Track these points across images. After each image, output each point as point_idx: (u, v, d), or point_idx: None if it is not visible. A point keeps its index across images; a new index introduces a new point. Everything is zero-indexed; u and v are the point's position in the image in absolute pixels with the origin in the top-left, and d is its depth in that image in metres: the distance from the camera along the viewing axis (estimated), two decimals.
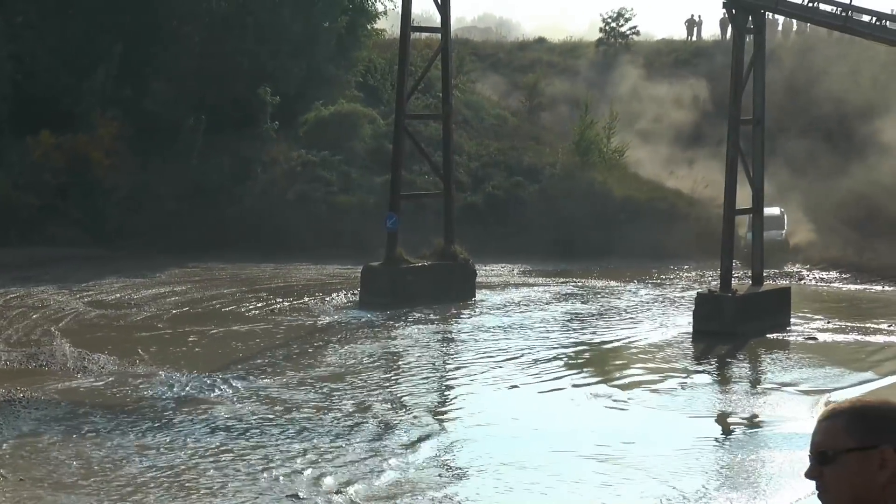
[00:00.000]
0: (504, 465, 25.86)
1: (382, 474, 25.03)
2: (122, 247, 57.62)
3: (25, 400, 30.61)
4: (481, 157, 67.06)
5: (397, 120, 49.08)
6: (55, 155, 60.12)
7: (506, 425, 29.27)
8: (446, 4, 48.64)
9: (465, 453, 26.94)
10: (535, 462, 26.02)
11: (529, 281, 53.82)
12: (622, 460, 26.29)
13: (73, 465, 25.25)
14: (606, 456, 26.53)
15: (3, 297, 45.24)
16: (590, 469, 25.70)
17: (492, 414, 30.35)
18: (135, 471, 25.00)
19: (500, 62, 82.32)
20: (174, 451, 26.49)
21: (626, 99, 72.73)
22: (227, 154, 62.31)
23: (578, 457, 26.52)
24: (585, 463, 26.11)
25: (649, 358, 37.65)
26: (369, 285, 47.24)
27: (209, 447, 26.81)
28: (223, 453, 26.40)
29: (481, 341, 39.80)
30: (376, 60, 73.62)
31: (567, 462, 26.16)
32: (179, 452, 26.37)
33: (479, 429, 28.95)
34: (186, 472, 25.09)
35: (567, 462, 26.16)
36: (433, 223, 52.02)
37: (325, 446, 26.99)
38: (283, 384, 33.10)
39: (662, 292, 50.98)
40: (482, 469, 25.66)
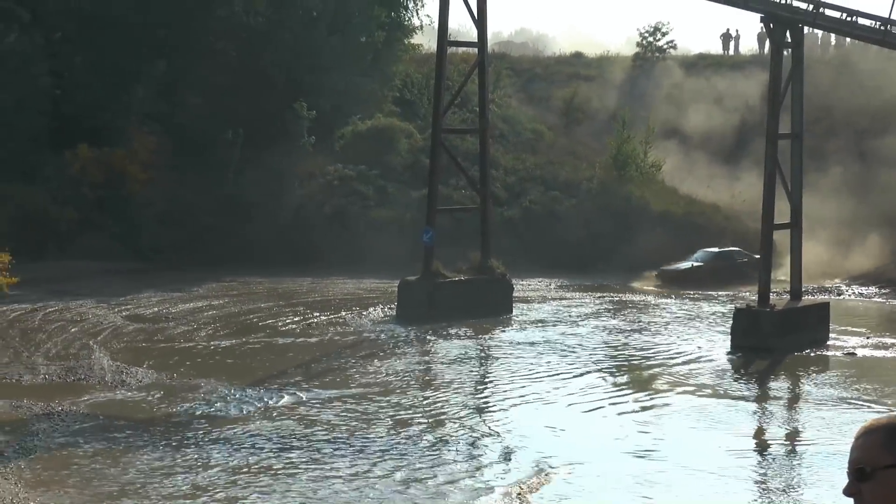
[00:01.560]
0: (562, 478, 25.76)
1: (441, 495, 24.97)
2: (158, 261, 57.86)
3: (64, 413, 30.69)
4: (518, 171, 67.02)
5: (434, 134, 49.07)
6: (92, 169, 60.45)
7: (545, 441, 29.17)
8: (483, 19, 48.63)
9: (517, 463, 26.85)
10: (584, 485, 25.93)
11: (567, 295, 53.67)
12: (659, 478, 26.13)
13: (110, 480, 25.26)
14: (647, 480, 26.37)
15: (42, 311, 45.42)
16: (632, 492, 25.56)
17: (531, 432, 30.23)
18: (172, 487, 25.00)
19: (536, 77, 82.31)
20: (214, 467, 26.46)
21: (663, 113, 72.55)
22: (264, 169, 62.47)
23: (622, 475, 26.39)
24: (625, 480, 25.97)
25: (687, 373, 37.40)
26: (406, 300, 47.21)
27: (251, 463, 26.75)
28: (264, 470, 26.35)
29: (519, 357, 39.64)
30: (413, 75, 73.74)
31: (607, 477, 26.02)
32: (219, 469, 26.33)
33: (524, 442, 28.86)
34: (229, 487, 25.06)
35: (607, 477, 26.02)
36: (470, 237, 51.94)
37: (369, 464, 26.92)
38: (322, 399, 33.05)
39: (700, 307, 50.75)
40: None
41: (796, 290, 43.82)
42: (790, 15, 42.20)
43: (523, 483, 25.44)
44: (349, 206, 62.11)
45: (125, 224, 59.70)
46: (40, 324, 43.16)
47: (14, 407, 31.06)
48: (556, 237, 61.58)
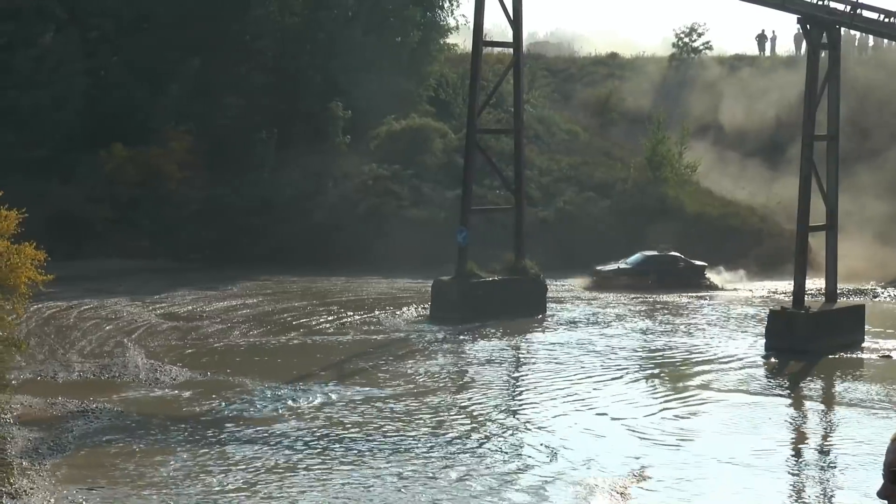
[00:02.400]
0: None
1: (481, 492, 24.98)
2: (193, 259, 58.01)
3: (98, 410, 30.82)
4: (552, 171, 66.91)
5: (469, 134, 49.04)
6: (128, 168, 60.68)
7: (580, 442, 29.13)
8: (518, 19, 48.57)
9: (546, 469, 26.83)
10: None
11: (600, 296, 53.55)
12: (695, 480, 26.07)
13: (144, 477, 25.35)
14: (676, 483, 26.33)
15: (77, 309, 45.64)
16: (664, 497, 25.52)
17: (567, 435, 30.19)
18: (208, 486, 25.06)
19: (571, 77, 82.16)
20: (251, 466, 26.51)
21: (699, 114, 72.32)
22: (299, 168, 62.58)
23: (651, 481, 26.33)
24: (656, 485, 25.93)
25: (721, 375, 37.25)
26: (440, 300, 47.19)
27: (289, 462, 26.78)
28: (305, 469, 26.39)
29: (554, 358, 39.55)
30: (448, 75, 73.72)
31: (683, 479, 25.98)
32: (258, 468, 26.38)
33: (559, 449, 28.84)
34: (264, 486, 25.10)
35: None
36: (504, 238, 51.90)
37: (405, 463, 26.92)
38: (357, 399, 33.08)
39: (734, 308, 50.54)
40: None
41: (831, 292, 43.61)
42: (827, 16, 41.97)
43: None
44: (383, 206, 62.13)
45: (160, 223, 59.89)
46: (75, 321, 43.38)
47: (49, 404, 31.22)
48: (590, 238, 61.42)
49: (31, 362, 36.01)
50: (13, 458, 25.36)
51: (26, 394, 32.03)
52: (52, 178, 58.59)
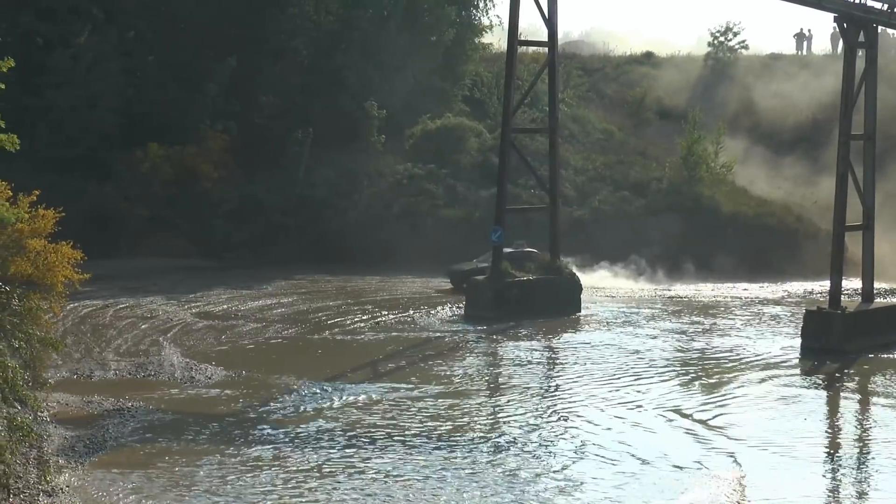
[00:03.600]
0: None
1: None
2: (228, 258, 58.15)
3: (134, 409, 30.95)
4: (587, 171, 66.78)
5: (504, 133, 48.99)
6: (164, 167, 60.87)
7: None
8: (553, 19, 48.50)
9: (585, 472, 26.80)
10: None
11: (635, 295, 53.42)
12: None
13: (181, 476, 25.43)
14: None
15: (113, 308, 45.82)
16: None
17: (605, 437, 30.14)
18: (247, 485, 25.10)
19: (606, 76, 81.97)
20: (282, 463, 26.56)
21: (735, 113, 72.05)
22: (334, 167, 62.66)
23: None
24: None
25: (758, 375, 37.11)
26: (474, 299, 47.16)
27: (321, 460, 26.81)
28: (349, 467, 26.41)
29: (588, 358, 39.46)
30: (483, 74, 73.69)
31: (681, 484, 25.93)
32: (288, 465, 26.42)
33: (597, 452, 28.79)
34: (301, 484, 25.13)
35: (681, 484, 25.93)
36: (539, 237, 51.84)
37: (441, 463, 26.92)
38: (390, 398, 33.07)
39: (770, 308, 50.34)
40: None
41: (868, 291, 43.39)
42: (864, 14, 41.73)
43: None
44: (418, 205, 62.15)
45: (196, 222, 60.07)
46: (111, 320, 43.55)
47: (85, 402, 31.37)
48: (625, 237, 61.28)
49: (67, 361, 36.19)
50: (50, 456, 25.47)
51: (63, 392, 32.18)
52: (88, 177, 58.84)
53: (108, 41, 62.50)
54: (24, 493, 22.49)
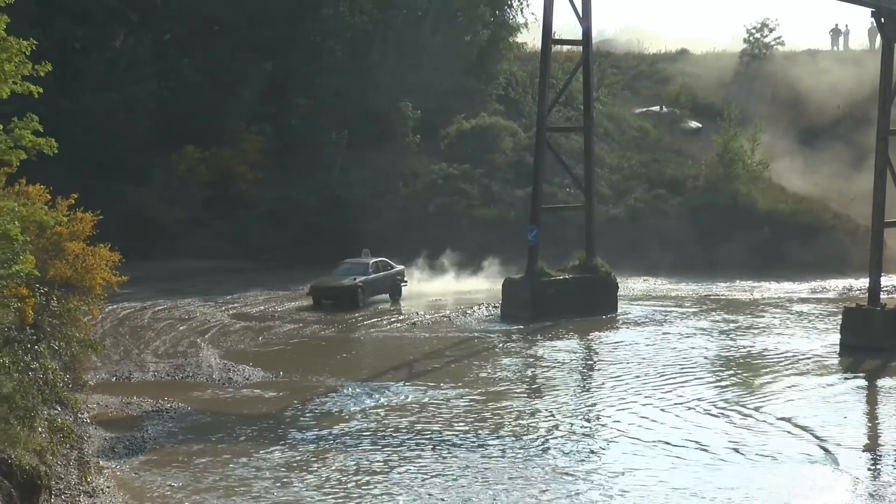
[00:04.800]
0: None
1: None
2: (265, 260, 58.27)
3: (172, 410, 31.07)
4: (623, 169, 66.65)
5: (538, 132, 48.93)
6: (200, 169, 61.10)
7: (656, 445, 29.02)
8: (588, 17, 48.38)
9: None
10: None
11: (672, 294, 53.25)
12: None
13: (219, 477, 25.50)
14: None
15: (151, 309, 46.01)
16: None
17: (645, 434, 30.07)
18: (281, 485, 25.15)
19: (641, 74, 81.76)
20: (322, 463, 26.59)
21: (771, 110, 71.73)
22: (369, 168, 62.73)
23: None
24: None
25: (798, 373, 36.93)
26: (510, 298, 47.09)
27: (364, 461, 26.81)
28: (371, 467, 26.44)
29: (625, 357, 39.36)
30: (517, 73, 73.61)
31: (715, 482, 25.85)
32: (327, 465, 26.45)
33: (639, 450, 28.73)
34: (342, 484, 25.16)
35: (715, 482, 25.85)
36: (574, 236, 51.75)
37: (480, 463, 26.91)
38: (428, 399, 33.07)
39: (808, 306, 50.08)
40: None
41: None
42: None
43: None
44: (453, 205, 62.15)
45: (232, 223, 60.22)
46: (149, 322, 43.74)
47: (124, 404, 31.52)
48: (661, 236, 61.14)
49: (106, 363, 36.37)
50: (90, 457, 25.59)
51: (103, 394, 32.36)
52: (125, 180, 59.06)
53: (144, 45, 62.77)
54: (65, 494, 22.61)
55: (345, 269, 49.83)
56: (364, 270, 49.46)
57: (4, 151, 23.16)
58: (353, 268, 49.83)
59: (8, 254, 23.01)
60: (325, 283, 48.71)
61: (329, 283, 48.76)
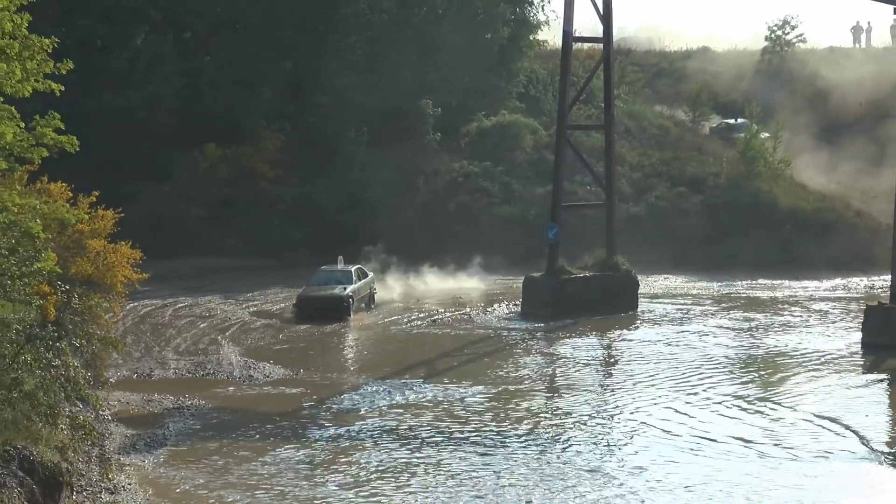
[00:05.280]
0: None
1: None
2: (285, 257, 58.30)
3: (193, 407, 31.14)
4: (644, 167, 66.50)
5: (559, 130, 48.88)
6: (221, 167, 61.15)
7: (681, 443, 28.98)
8: (608, 15, 48.33)
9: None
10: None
11: (693, 292, 53.13)
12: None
13: (239, 474, 25.54)
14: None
15: (172, 307, 46.10)
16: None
17: (671, 432, 30.04)
18: (302, 482, 25.18)
19: (662, 72, 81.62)
20: (343, 460, 26.61)
21: (793, 108, 71.49)
22: (389, 166, 62.71)
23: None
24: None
25: (820, 371, 36.82)
26: (531, 296, 47.08)
27: (387, 459, 26.79)
28: (394, 464, 26.44)
29: (646, 355, 39.28)
30: (538, 71, 73.53)
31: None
32: (348, 463, 26.48)
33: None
34: (365, 482, 25.17)
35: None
36: (595, 234, 51.63)
37: (500, 460, 26.90)
38: (449, 397, 33.07)
39: (830, 304, 49.89)
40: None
41: None
42: None
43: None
44: (474, 203, 62.07)
45: (252, 221, 60.24)
46: (170, 319, 43.83)
47: (146, 401, 31.61)
48: (682, 233, 60.99)
49: (127, 360, 36.47)
50: (111, 454, 25.68)
51: (124, 391, 32.46)
52: (146, 178, 59.15)
53: (165, 43, 62.85)
54: (86, 491, 22.68)
55: (325, 277, 46.95)
56: (349, 279, 46.73)
57: (26, 149, 23.24)
58: (337, 276, 46.96)
59: (30, 251, 23.09)
60: (314, 293, 45.51)
61: (318, 293, 45.52)
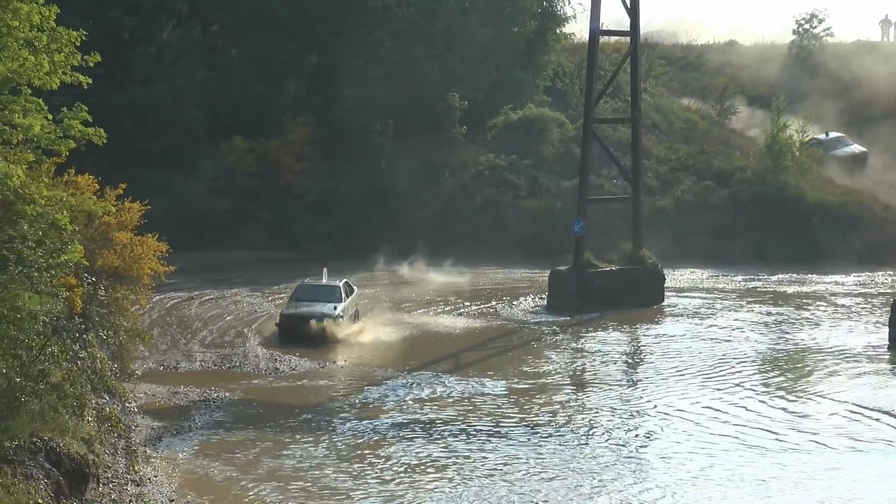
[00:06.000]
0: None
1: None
2: (311, 250, 58.33)
3: (220, 400, 31.21)
4: (670, 161, 66.30)
5: (586, 124, 48.79)
6: (248, 160, 61.17)
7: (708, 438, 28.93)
8: (635, 8, 48.21)
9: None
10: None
11: (719, 286, 52.97)
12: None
13: (265, 466, 25.58)
14: None
15: (198, 299, 46.18)
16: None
17: (695, 427, 29.99)
18: (330, 474, 25.20)
19: (689, 65, 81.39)
20: (368, 452, 26.63)
21: (820, 101, 71.21)
22: (416, 158, 62.68)
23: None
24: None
25: (845, 367, 36.69)
26: (557, 290, 47.03)
27: (419, 452, 26.81)
28: (422, 457, 26.45)
29: (674, 349, 39.22)
30: (564, 64, 73.42)
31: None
32: (373, 455, 26.50)
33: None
34: (392, 475, 25.18)
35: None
36: (621, 227, 51.55)
37: (526, 454, 26.90)
38: (474, 390, 33.06)
39: (856, 299, 49.70)
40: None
41: None
42: None
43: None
44: (500, 196, 62.00)
45: (278, 214, 60.29)
46: (197, 312, 43.90)
47: (172, 393, 31.68)
48: (708, 227, 60.78)
49: (154, 352, 36.56)
50: (137, 446, 25.75)
51: (150, 383, 32.54)
52: (173, 170, 59.24)
53: (192, 36, 62.92)
54: (112, 483, 22.76)
55: (310, 292, 41.14)
56: (339, 295, 41.03)
57: (54, 141, 23.29)
58: (323, 292, 41.12)
59: (57, 243, 23.14)
60: (301, 313, 39.53)
61: (304, 310, 39.63)
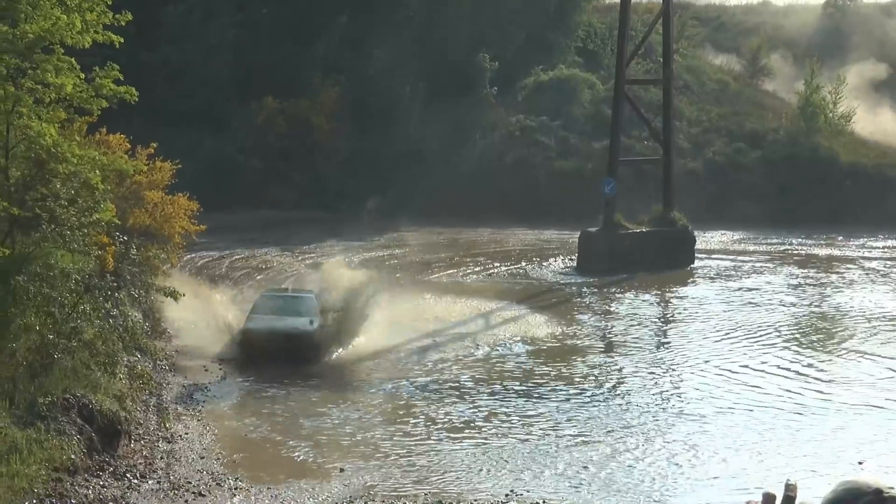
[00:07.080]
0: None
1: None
2: (340, 210, 58.40)
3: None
4: (702, 122, 66.06)
5: (617, 85, 48.58)
6: (278, 119, 61.22)
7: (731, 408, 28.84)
8: None
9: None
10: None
11: (749, 248, 52.81)
12: None
13: (296, 424, 25.62)
14: None
15: (229, 258, 46.28)
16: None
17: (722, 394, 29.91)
18: (365, 434, 25.24)
19: (722, 26, 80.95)
20: (408, 416, 26.63)
21: (855, 62, 70.72)
22: (446, 119, 62.61)
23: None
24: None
25: (879, 331, 36.54)
26: (587, 251, 46.96)
27: (453, 413, 26.81)
28: (453, 420, 26.47)
29: (703, 313, 39.09)
30: (596, 25, 73.13)
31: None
32: (413, 418, 26.50)
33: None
34: (428, 437, 25.22)
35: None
36: (652, 189, 51.41)
37: (563, 420, 26.89)
38: (506, 351, 33.00)
39: (889, 263, 49.45)
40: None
41: None
42: None
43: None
44: (530, 157, 61.95)
45: (309, 174, 60.39)
46: (227, 271, 43.97)
47: (203, 353, 31.69)
48: (739, 189, 60.59)
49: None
50: (168, 404, 25.83)
51: (181, 342, 32.57)
52: (204, 130, 59.33)
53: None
54: (144, 440, 22.83)
55: (277, 304, 33.15)
56: (310, 308, 32.91)
57: (86, 100, 23.32)
58: (294, 305, 33.21)
59: (89, 202, 23.21)
60: (272, 328, 31.45)
61: (279, 326, 31.56)
